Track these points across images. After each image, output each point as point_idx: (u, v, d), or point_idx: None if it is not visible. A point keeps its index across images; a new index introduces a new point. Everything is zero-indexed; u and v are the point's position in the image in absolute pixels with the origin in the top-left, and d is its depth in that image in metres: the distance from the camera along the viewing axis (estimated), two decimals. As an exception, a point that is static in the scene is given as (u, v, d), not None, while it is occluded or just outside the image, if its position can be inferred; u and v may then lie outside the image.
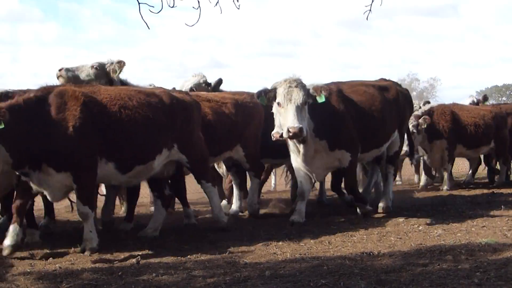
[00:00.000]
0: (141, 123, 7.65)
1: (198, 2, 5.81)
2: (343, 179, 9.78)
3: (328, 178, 10.86)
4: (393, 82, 10.84)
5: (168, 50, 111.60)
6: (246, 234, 8.28)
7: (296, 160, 9.11)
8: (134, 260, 6.68)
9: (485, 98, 14.60)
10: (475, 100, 15.17)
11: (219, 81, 11.18)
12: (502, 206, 10.19)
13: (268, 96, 8.56)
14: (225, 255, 6.87)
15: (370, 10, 6.53)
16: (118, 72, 9.10)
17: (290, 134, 8.15)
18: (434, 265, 5.94)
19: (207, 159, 8.67)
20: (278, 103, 8.46)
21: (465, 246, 6.78)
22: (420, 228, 8.41)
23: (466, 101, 15.04)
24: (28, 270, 6.28)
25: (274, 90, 8.53)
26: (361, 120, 9.28)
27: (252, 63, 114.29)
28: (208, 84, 10.91)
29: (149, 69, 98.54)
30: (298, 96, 8.28)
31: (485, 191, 13.05)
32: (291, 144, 8.93)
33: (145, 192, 12.42)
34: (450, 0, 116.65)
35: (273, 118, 8.91)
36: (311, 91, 8.46)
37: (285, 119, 8.29)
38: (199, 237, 8.22)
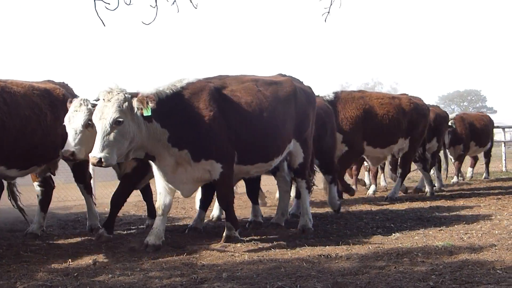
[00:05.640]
0: None
1: (155, 0, 5.78)
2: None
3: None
4: (292, 78, 9.04)
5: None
6: (205, 236, 8.25)
7: (159, 175, 7.65)
8: (90, 261, 6.61)
9: None
10: None
11: None
12: (460, 210, 10.36)
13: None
14: (183, 257, 6.83)
15: (328, 12, 6.58)
16: None
17: (94, 164, 6.79)
18: (390, 267, 5.98)
19: None
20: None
21: (422, 249, 6.86)
22: (379, 231, 8.49)
23: None
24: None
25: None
26: (245, 125, 7.85)
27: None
28: None
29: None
30: (107, 114, 6.82)
31: (445, 193, 13.29)
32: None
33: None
34: (416, 5, 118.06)
35: None
36: (135, 104, 6.93)
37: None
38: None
